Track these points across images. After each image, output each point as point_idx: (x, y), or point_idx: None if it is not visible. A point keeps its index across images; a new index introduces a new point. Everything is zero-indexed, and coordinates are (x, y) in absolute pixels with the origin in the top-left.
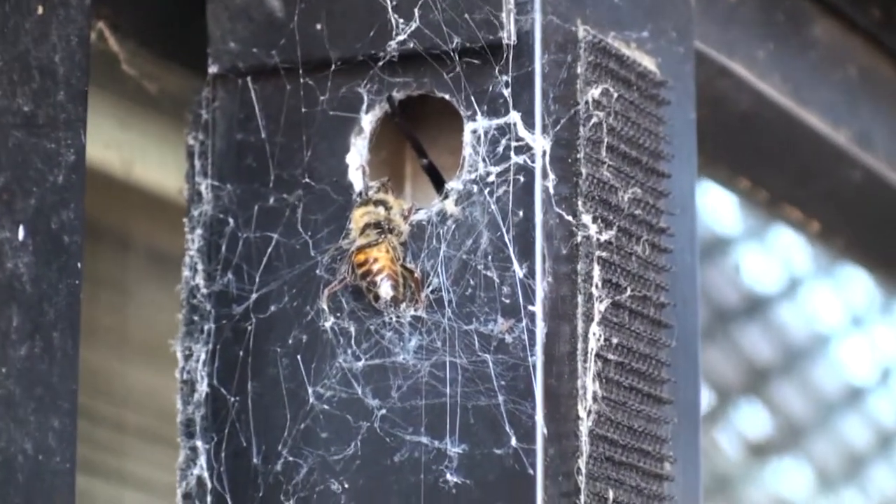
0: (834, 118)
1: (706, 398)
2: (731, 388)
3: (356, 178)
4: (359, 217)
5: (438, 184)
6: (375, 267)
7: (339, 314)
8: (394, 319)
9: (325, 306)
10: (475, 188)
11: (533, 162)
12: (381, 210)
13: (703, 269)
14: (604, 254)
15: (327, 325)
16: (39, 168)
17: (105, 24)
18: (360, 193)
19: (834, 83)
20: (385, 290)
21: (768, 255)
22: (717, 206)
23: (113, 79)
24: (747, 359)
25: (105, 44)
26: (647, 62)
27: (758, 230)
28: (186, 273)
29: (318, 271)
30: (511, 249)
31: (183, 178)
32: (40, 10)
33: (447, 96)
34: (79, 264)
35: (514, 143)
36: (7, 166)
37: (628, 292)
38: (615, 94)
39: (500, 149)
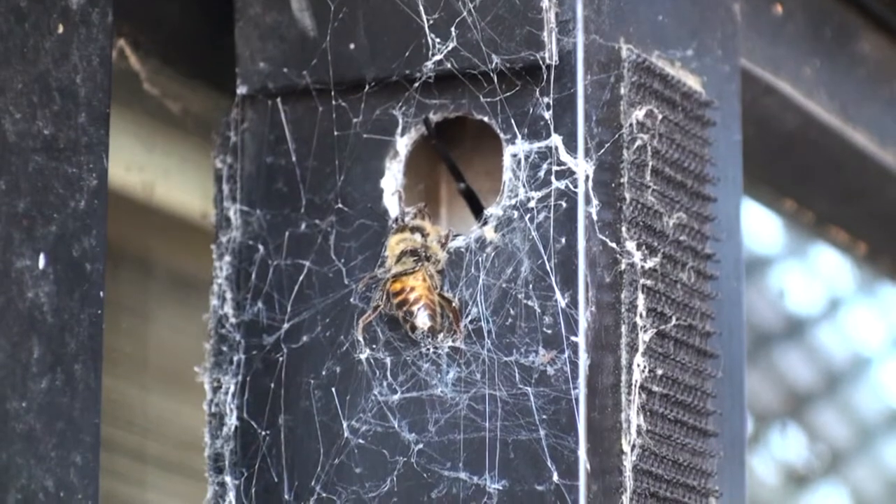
0: (881, 136)
1: None
2: (769, 412)
3: (391, 204)
4: (395, 244)
5: (476, 209)
6: (412, 296)
7: (374, 345)
8: (431, 350)
9: (360, 337)
10: (515, 214)
11: (575, 187)
12: (417, 237)
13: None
14: (648, 282)
15: (363, 356)
16: (60, 193)
17: (126, 42)
18: (396, 220)
19: (882, 100)
20: (422, 319)
21: (809, 276)
22: (757, 225)
23: (134, 98)
24: (787, 383)
25: (126, 62)
26: (692, 81)
27: (798, 250)
28: (214, 302)
29: (352, 300)
30: (553, 278)
31: (206, 200)
32: (61, 29)
33: (486, 118)
34: (101, 293)
35: (555, 168)
36: (27, 192)
37: (673, 321)
38: (659, 116)
39: (542, 173)
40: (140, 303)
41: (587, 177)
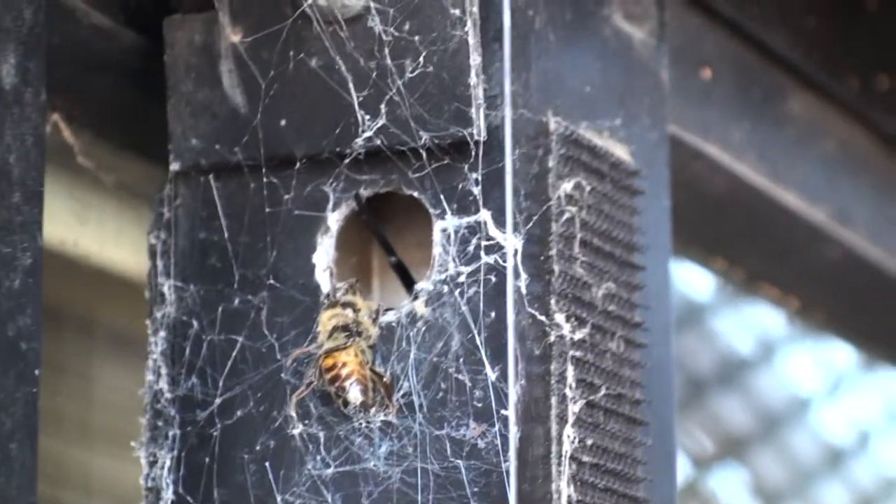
0: (812, 195)
1: (682, 469)
2: (707, 456)
3: (323, 279)
4: (326, 320)
5: (408, 282)
6: (344, 371)
7: (307, 420)
8: (363, 425)
9: (293, 413)
10: (445, 289)
11: (504, 262)
12: (349, 312)
13: (677, 335)
14: (578, 353)
15: (295, 431)
16: None
17: (60, 116)
18: (328, 295)
19: (812, 159)
20: (354, 394)
21: (743, 323)
22: (692, 275)
23: (68, 171)
24: (724, 427)
25: (60, 136)
26: (620, 151)
27: (731, 301)
28: (150, 377)
29: (284, 375)
30: (483, 352)
31: (142, 270)
32: None
33: (415, 194)
34: (36, 371)
35: (484, 243)
36: None
37: (603, 391)
38: (588, 187)
39: (471, 248)
40: (81, 363)
41: (516, 251)
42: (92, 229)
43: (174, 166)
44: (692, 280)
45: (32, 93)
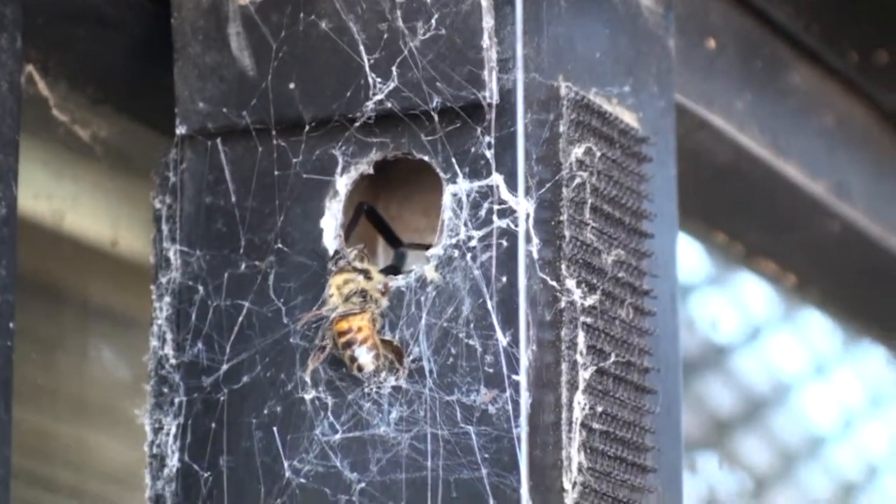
0: (812, 168)
1: None
2: (692, 440)
3: (331, 244)
4: (341, 283)
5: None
6: (360, 336)
7: (317, 385)
8: (373, 390)
9: (308, 378)
10: (456, 253)
11: (516, 226)
12: (361, 278)
13: None
14: (588, 319)
15: (307, 396)
16: None
17: (34, 68)
18: (337, 260)
19: (813, 131)
20: (367, 360)
21: (732, 305)
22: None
23: (43, 124)
24: (708, 411)
25: (34, 88)
26: (629, 118)
27: (721, 279)
28: (155, 343)
29: (291, 340)
30: (494, 317)
31: (116, 228)
32: None
33: (426, 158)
34: (11, 324)
35: (496, 207)
36: None
37: (612, 358)
38: (598, 153)
39: (483, 212)
40: (50, 333)
41: (528, 215)
42: (67, 185)
43: (181, 130)
44: (682, 261)
45: (8, 38)
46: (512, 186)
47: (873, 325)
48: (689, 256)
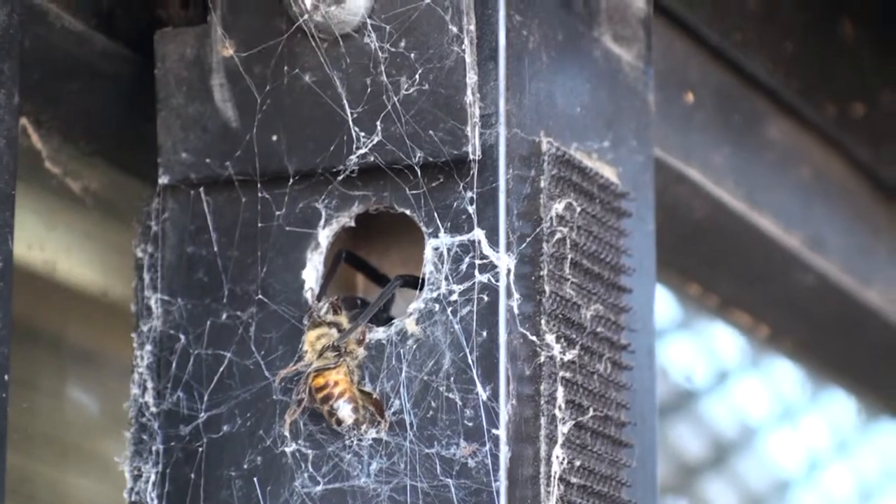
0: (787, 221)
1: None
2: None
3: (311, 296)
4: (314, 339)
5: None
6: (336, 391)
7: (297, 438)
8: (354, 442)
9: (286, 432)
10: (437, 307)
11: (497, 281)
12: (334, 332)
13: None
14: (567, 374)
15: (288, 450)
16: None
17: (28, 121)
18: (310, 314)
19: (788, 185)
20: (346, 413)
21: (703, 352)
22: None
23: (36, 176)
24: (676, 455)
25: (28, 141)
26: (609, 173)
27: (696, 328)
28: (135, 390)
29: (273, 394)
30: (474, 371)
31: (107, 277)
32: None
33: (408, 212)
34: (6, 377)
35: (478, 262)
36: None
37: (591, 412)
38: (578, 208)
39: (464, 267)
40: (40, 378)
41: (509, 270)
42: (59, 235)
43: (163, 180)
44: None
45: (5, 94)
46: (493, 241)
47: (843, 374)
48: (662, 304)
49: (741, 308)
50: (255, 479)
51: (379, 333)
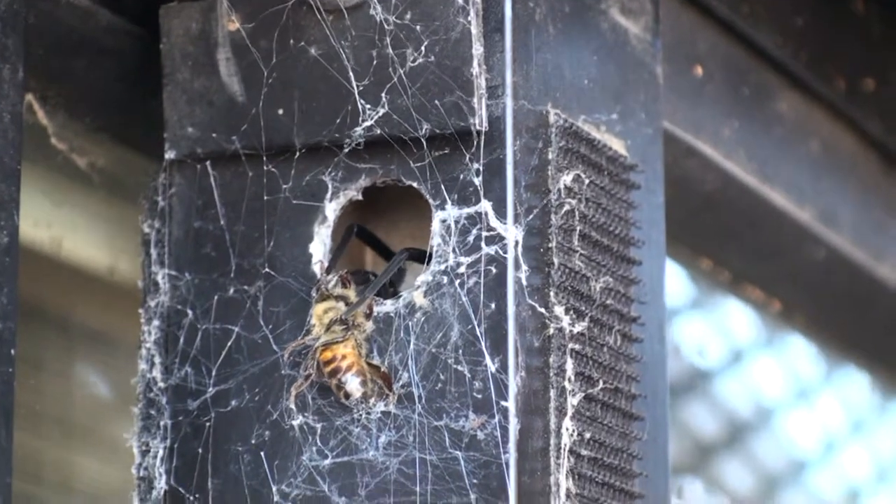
0: (798, 195)
1: None
2: (676, 465)
3: (319, 269)
4: (321, 312)
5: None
6: (344, 364)
7: (305, 412)
8: (362, 415)
9: (292, 405)
10: (445, 279)
11: (505, 253)
12: (342, 305)
13: None
14: (576, 346)
15: (295, 423)
16: None
17: (34, 97)
18: (318, 288)
19: (799, 159)
20: (355, 386)
21: (715, 329)
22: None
23: (42, 153)
24: (691, 435)
25: (34, 117)
26: (617, 145)
27: (704, 304)
28: (143, 366)
29: (281, 368)
30: (483, 343)
31: (114, 255)
32: None
33: (415, 184)
34: (12, 351)
35: (485, 233)
36: None
37: (600, 385)
38: (586, 180)
39: (471, 239)
40: (47, 358)
41: (517, 242)
42: (65, 213)
43: (170, 154)
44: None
45: (10, 70)
46: (500, 213)
47: (857, 351)
48: (675, 282)
49: (753, 283)
50: (262, 453)
51: (387, 306)
